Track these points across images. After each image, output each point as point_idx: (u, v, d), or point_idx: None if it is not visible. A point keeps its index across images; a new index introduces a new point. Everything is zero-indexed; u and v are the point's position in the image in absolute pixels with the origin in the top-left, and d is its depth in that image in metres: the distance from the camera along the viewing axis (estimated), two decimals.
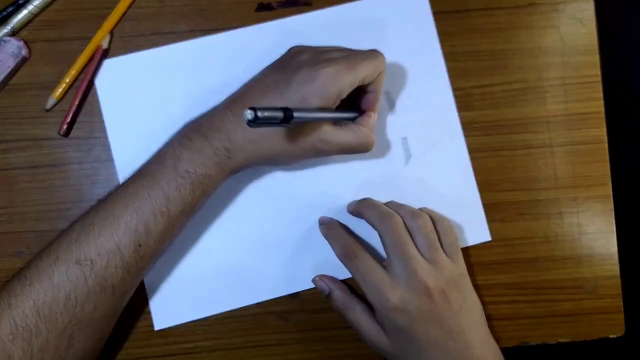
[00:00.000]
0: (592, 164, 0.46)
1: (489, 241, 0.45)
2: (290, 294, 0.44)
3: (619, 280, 0.46)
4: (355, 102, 0.42)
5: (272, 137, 0.37)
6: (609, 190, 0.46)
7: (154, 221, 0.36)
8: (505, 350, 0.45)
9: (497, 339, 0.45)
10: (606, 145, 0.46)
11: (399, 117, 0.45)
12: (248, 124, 0.29)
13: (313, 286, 0.44)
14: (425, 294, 0.37)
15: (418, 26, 0.46)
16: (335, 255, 0.41)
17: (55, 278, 0.34)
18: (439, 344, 0.38)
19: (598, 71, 0.46)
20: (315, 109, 0.36)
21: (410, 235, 0.40)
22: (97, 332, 0.36)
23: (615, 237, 0.46)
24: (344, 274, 0.44)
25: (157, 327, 0.43)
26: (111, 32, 0.44)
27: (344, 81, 0.37)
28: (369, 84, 0.40)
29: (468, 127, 0.46)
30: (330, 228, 0.43)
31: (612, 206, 0.46)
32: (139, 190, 0.36)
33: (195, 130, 0.37)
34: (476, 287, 0.45)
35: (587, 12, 0.47)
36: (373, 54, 0.39)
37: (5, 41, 0.43)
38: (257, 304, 0.44)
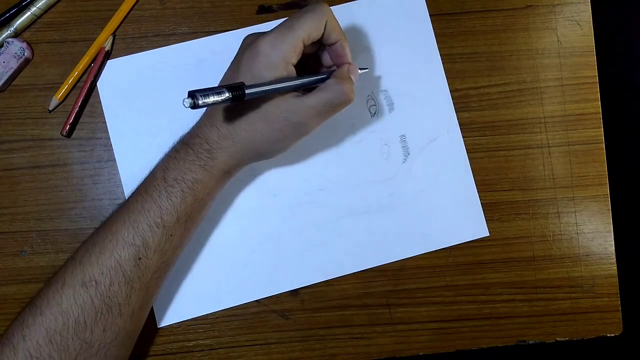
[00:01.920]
0: (589, 164, 0.46)
1: (487, 240, 0.46)
2: (291, 293, 0.45)
3: (616, 279, 0.46)
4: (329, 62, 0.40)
5: (245, 127, 0.37)
6: (606, 190, 0.46)
7: (151, 233, 0.36)
8: (503, 349, 0.45)
9: (495, 338, 0.45)
10: (603, 145, 0.47)
11: (397, 115, 0.46)
12: (191, 108, 0.30)
13: (314, 283, 0.44)
14: None
15: (415, 27, 0.46)
16: (335, 252, 0.42)
17: (63, 304, 0.34)
18: None
19: (595, 72, 0.47)
20: (271, 82, 0.35)
21: None
22: (110, 358, 0.36)
23: (612, 237, 0.46)
24: (343, 271, 0.44)
25: (160, 325, 0.43)
26: (114, 34, 0.45)
27: (284, 45, 0.35)
28: (325, 38, 0.37)
29: (465, 128, 0.46)
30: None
31: (609, 206, 0.46)
32: (133, 205, 0.37)
33: (180, 143, 0.39)
34: (474, 286, 0.46)
35: (584, 13, 0.47)
36: (311, 8, 0.37)
37: (8, 42, 0.43)
38: (258, 302, 0.44)
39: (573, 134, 0.47)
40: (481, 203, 0.46)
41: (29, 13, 0.44)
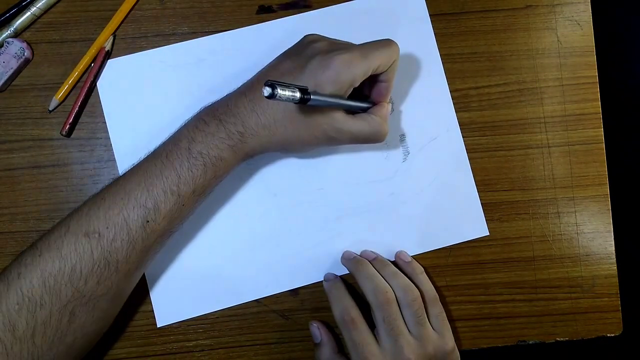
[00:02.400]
0: (589, 164, 0.47)
1: (487, 240, 0.46)
2: (291, 293, 0.45)
3: (616, 279, 0.46)
4: (367, 93, 0.42)
5: (286, 124, 0.37)
6: (606, 190, 0.46)
7: (164, 199, 0.36)
8: (502, 349, 0.45)
9: (495, 338, 0.45)
10: (603, 145, 0.47)
11: (397, 114, 0.46)
12: (266, 98, 0.30)
13: (313, 282, 0.44)
14: None
15: (415, 27, 0.46)
16: (335, 248, 0.43)
17: (63, 249, 0.35)
18: None
19: (595, 72, 0.47)
20: (330, 95, 0.36)
21: (399, 307, 0.41)
22: (98, 310, 0.36)
23: (612, 237, 0.46)
24: (342, 270, 0.44)
25: (159, 324, 0.43)
26: (114, 34, 0.45)
27: (357, 69, 0.37)
28: (382, 73, 0.39)
29: (465, 128, 0.46)
30: (334, 287, 0.43)
31: (609, 206, 0.46)
32: (151, 168, 0.37)
33: (210, 114, 0.38)
34: (473, 285, 0.46)
35: (584, 13, 0.47)
36: (387, 43, 0.39)
37: (8, 43, 0.43)
38: (258, 302, 0.44)
39: (573, 134, 0.47)
40: (481, 203, 0.46)
41: (29, 13, 0.44)
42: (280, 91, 0.30)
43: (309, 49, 0.38)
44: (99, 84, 0.44)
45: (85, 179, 0.44)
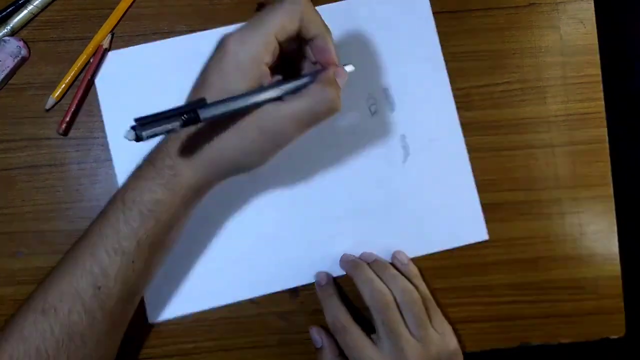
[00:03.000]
0: (593, 164, 0.46)
1: (491, 241, 0.45)
2: (290, 294, 0.44)
3: (620, 281, 0.46)
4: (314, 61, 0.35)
5: (213, 137, 0.32)
6: (610, 190, 0.46)
7: (109, 260, 0.33)
8: (506, 351, 0.45)
9: (498, 340, 0.45)
10: (607, 145, 0.46)
11: (398, 114, 0.45)
12: (133, 141, 0.26)
13: (309, 282, 0.44)
14: None
15: (418, 25, 0.46)
16: (333, 249, 0.43)
17: (25, 330, 0.33)
18: None
19: (598, 71, 0.46)
20: (235, 97, 0.30)
21: (399, 310, 0.40)
22: None
23: (616, 238, 0.46)
24: (340, 271, 0.44)
25: (150, 320, 0.43)
26: (112, 32, 0.44)
27: (253, 42, 0.31)
28: (303, 32, 0.33)
29: (468, 127, 0.46)
30: (326, 292, 0.42)
31: (613, 206, 0.46)
32: (93, 230, 0.34)
33: (144, 159, 0.35)
34: (477, 287, 0.45)
35: (587, 11, 0.47)
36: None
37: (4, 41, 0.43)
38: (257, 304, 0.44)
39: (576, 133, 0.46)
40: (484, 203, 0.45)
41: (25, 11, 0.44)
42: (147, 130, 0.24)
43: (212, 50, 0.33)
44: (96, 78, 0.44)
45: (82, 179, 0.44)
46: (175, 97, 0.44)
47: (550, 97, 0.46)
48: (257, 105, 0.31)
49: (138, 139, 0.25)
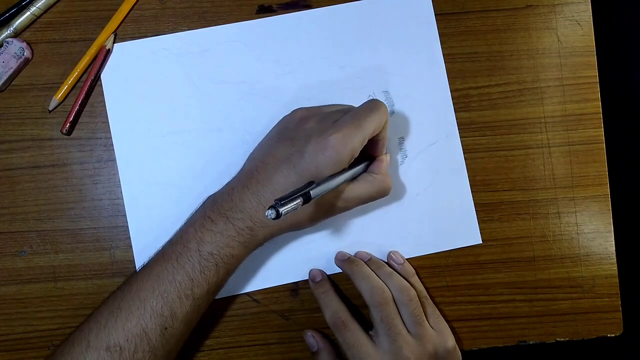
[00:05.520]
0: (589, 164, 0.46)
1: (488, 240, 0.45)
2: (291, 293, 0.44)
3: (616, 280, 0.46)
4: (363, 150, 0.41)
5: None
6: (606, 190, 0.46)
7: (180, 304, 0.36)
8: (503, 350, 0.45)
9: (495, 338, 0.45)
10: (604, 145, 0.47)
11: (397, 117, 0.46)
12: (273, 220, 0.30)
13: (305, 278, 0.44)
14: None
15: (420, 29, 0.46)
16: (328, 247, 0.43)
17: None
18: None
19: (595, 72, 0.47)
20: (330, 177, 0.36)
21: (397, 307, 0.41)
22: None
23: (612, 237, 0.46)
24: (334, 269, 0.44)
25: None
26: (115, 33, 0.45)
27: (353, 142, 0.37)
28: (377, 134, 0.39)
29: (466, 128, 0.46)
30: (322, 288, 0.43)
31: (609, 206, 0.46)
32: (163, 274, 0.36)
33: (216, 211, 0.37)
34: (474, 286, 0.45)
35: (584, 13, 0.47)
36: (375, 106, 0.38)
37: (8, 42, 0.43)
38: (258, 303, 0.44)
39: (573, 134, 0.47)
40: (481, 203, 0.46)
41: (28, 13, 0.44)
42: (284, 210, 0.30)
43: (301, 131, 0.38)
44: (102, 74, 0.44)
45: (84, 179, 0.44)
46: (178, 88, 0.44)
47: (548, 98, 0.47)
48: (344, 184, 0.38)
49: (278, 217, 0.30)
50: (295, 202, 0.31)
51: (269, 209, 0.30)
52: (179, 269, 0.36)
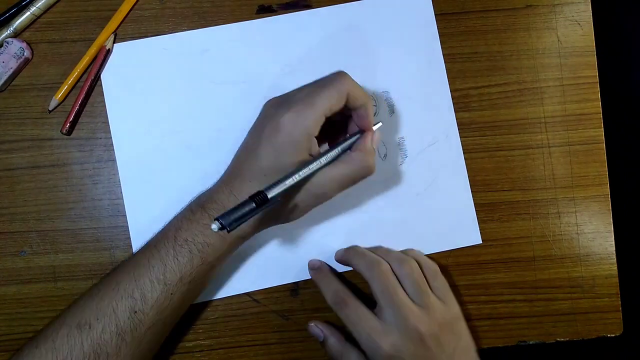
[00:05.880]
0: (589, 164, 0.46)
1: (488, 240, 0.46)
2: (291, 293, 0.44)
3: (616, 280, 0.46)
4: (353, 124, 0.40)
5: None
6: (606, 190, 0.46)
7: (151, 287, 0.36)
8: (503, 350, 0.45)
9: (495, 338, 0.45)
10: (604, 145, 0.47)
11: (397, 117, 0.46)
12: (224, 231, 0.30)
13: (304, 278, 0.44)
14: (418, 339, 0.37)
15: (420, 29, 0.46)
16: (328, 247, 0.43)
17: (57, 341, 0.35)
18: None
19: (595, 72, 0.47)
20: (294, 171, 0.35)
21: (399, 281, 0.40)
22: None
23: (612, 237, 0.46)
24: (339, 267, 0.44)
25: None
26: (115, 33, 0.45)
27: (306, 121, 0.36)
28: (349, 106, 0.38)
29: (466, 128, 0.46)
30: (321, 273, 0.43)
31: (609, 206, 0.46)
32: (141, 260, 0.37)
33: (196, 204, 0.38)
34: (474, 286, 0.45)
35: (584, 13, 0.47)
36: (331, 79, 0.37)
37: (7, 42, 0.43)
38: (258, 303, 0.44)
39: (573, 134, 0.47)
40: (481, 203, 0.46)
41: (28, 13, 0.44)
42: (228, 219, 0.30)
43: (262, 115, 0.38)
44: (102, 74, 0.44)
45: (84, 179, 0.44)
46: (177, 88, 0.44)
47: (548, 98, 0.47)
48: (310, 176, 0.36)
49: (222, 228, 0.30)
50: (241, 210, 0.31)
51: (212, 222, 0.30)
52: (155, 254, 0.37)
